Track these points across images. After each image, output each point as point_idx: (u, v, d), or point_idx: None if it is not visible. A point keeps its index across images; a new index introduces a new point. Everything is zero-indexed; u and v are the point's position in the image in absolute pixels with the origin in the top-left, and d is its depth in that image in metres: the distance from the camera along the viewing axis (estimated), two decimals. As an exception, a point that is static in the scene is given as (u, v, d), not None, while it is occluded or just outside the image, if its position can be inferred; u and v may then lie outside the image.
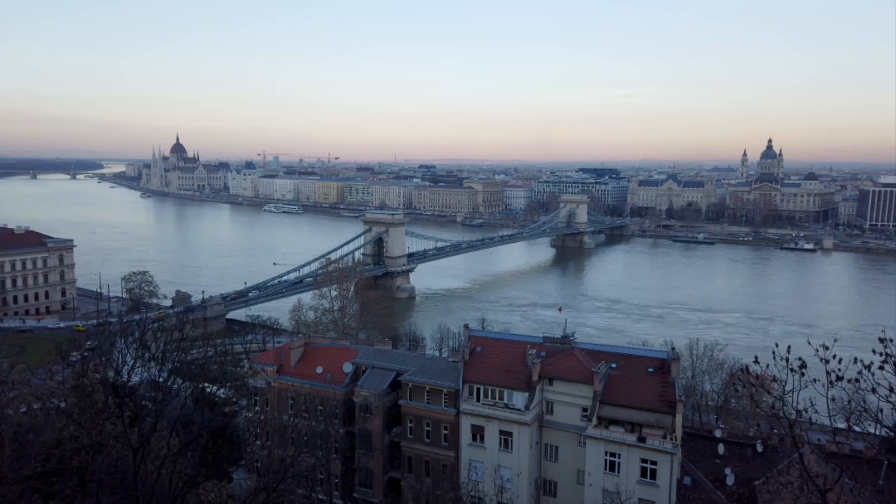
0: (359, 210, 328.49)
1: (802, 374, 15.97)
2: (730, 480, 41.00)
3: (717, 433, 46.47)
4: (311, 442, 49.38)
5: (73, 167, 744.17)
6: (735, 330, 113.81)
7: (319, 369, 53.59)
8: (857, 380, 16.29)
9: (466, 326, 54.32)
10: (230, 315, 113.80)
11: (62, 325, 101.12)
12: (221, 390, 63.68)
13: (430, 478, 47.99)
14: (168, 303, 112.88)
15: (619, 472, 41.30)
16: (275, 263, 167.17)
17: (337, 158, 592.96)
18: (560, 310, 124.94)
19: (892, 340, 15.89)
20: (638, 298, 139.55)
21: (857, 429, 49.30)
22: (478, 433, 47.19)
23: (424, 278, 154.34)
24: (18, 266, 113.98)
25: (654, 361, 46.10)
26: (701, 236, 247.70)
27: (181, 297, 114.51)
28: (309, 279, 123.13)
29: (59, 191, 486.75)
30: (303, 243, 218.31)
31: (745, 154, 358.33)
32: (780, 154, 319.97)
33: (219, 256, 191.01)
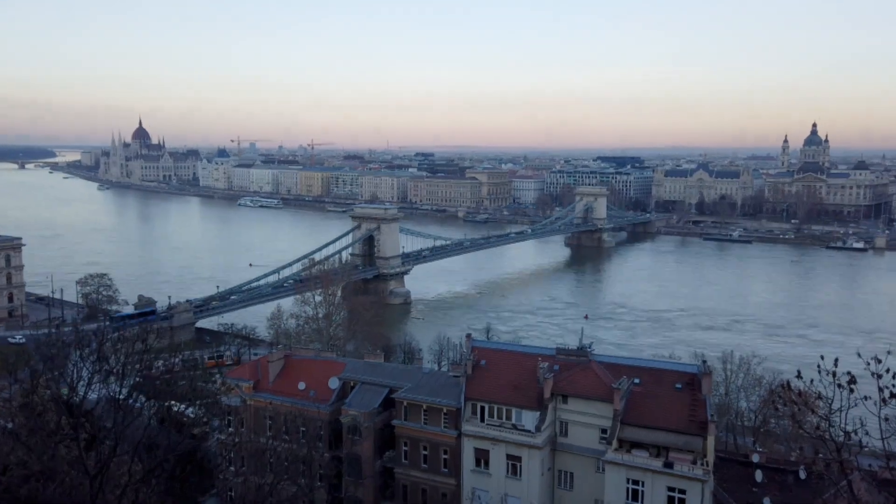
0: (346, 204, 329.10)
1: (852, 391, 15.88)
2: (769, 511, 41.03)
3: (755, 458, 46.52)
4: (293, 468, 49.40)
5: (22, 155, 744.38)
6: (775, 341, 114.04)
7: (302, 385, 53.60)
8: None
9: (469, 336, 54.38)
10: (200, 323, 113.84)
11: (19, 337, 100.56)
12: (190, 409, 63.72)
13: (427, 509, 48.10)
14: (129, 309, 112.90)
15: (642, 501, 41.34)
16: (251, 265, 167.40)
17: (321, 145, 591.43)
18: (586, 317, 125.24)
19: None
20: (664, 305, 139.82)
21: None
22: (482, 458, 47.23)
23: (421, 282, 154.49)
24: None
25: (683, 376, 46.14)
26: (736, 233, 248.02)
27: (144, 304, 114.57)
28: (290, 283, 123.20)
29: (4, 182, 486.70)
30: (283, 242, 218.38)
31: (786, 140, 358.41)
32: (826, 140, 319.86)
33: (187, 257, 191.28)
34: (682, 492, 40.60)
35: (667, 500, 40.91)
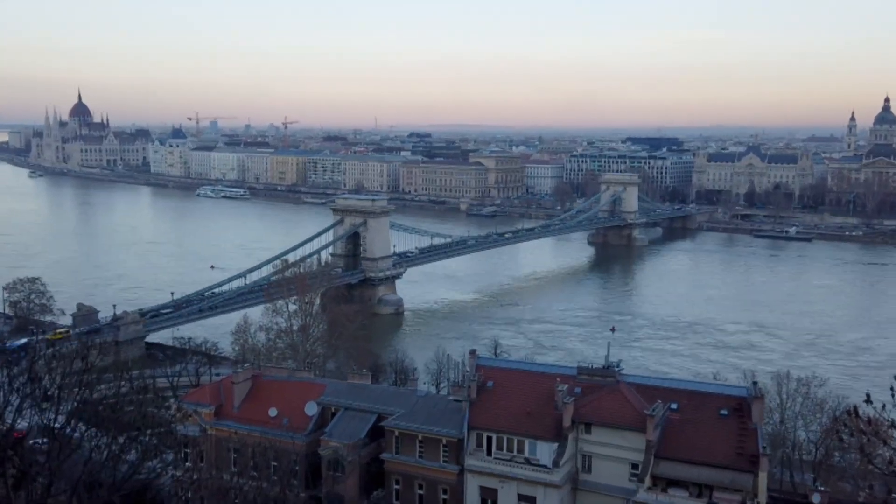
0: (326, 195, 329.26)
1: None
2: (832, 562, 41.14)
3: (816, 498, 46.54)
4: (262, 510, 49.41)
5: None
6: (839, 358, 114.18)
7: (273, 411, 53.65)
8: None
9: (473, 353, 54.47)
10: (151, 338, 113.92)
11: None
12: (140, 440, 63.70)
13: (423, 559, 48.18)
14: (67, 320, 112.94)
15: (681, 551, 41.37)
16: (212, 267, 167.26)
17: (296, 124, 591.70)
18: (613, 330, 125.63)
19: None
20: (707, 316, 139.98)
21: None
22: (489, 498, 47.28)
23: (416, 287, 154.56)
24: None
25: (729, 401, 46.20)
26: (793, 230, 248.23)
27: (85, 314, 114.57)
28: (259, 289, 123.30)
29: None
30: (250, 240, 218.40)
31: (852, 118, 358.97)
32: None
33: (137, 258, 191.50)
34: (729, 539, 40.64)
35: (710, 549, 40.98)
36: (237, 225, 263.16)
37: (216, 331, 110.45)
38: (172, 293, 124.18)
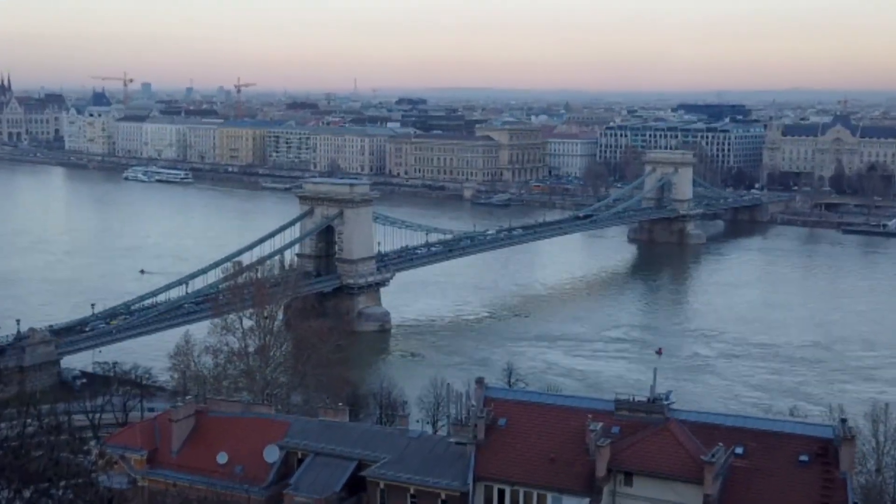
0: (292, 178, 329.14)
1: None
2: None
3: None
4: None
5: None
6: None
7: (223, 457, 53.70)
8: None
9: (481, 382, 54.51)
10: (66, 362, 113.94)
11: None
12: (51, 493, 63.69)
13: None
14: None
15: None
16: (143, 272, 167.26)
17: (252, 86, 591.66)
18: (659, 353, 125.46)
19: None
20: (782, 335, 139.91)
21: None
22: (501, 569, 47.27)
23: (407, 297, 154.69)
24: None
25: (811, 444, 46.30)
26: (892, 223, 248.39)
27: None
28: (205, 299, 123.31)
29: None
30: (193, 237, 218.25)
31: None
32: None
33: (46, 260, 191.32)
34: None
35: None
36: (176, 217, 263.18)
37: (149, 353, 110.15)
38: (93, 305, 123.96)
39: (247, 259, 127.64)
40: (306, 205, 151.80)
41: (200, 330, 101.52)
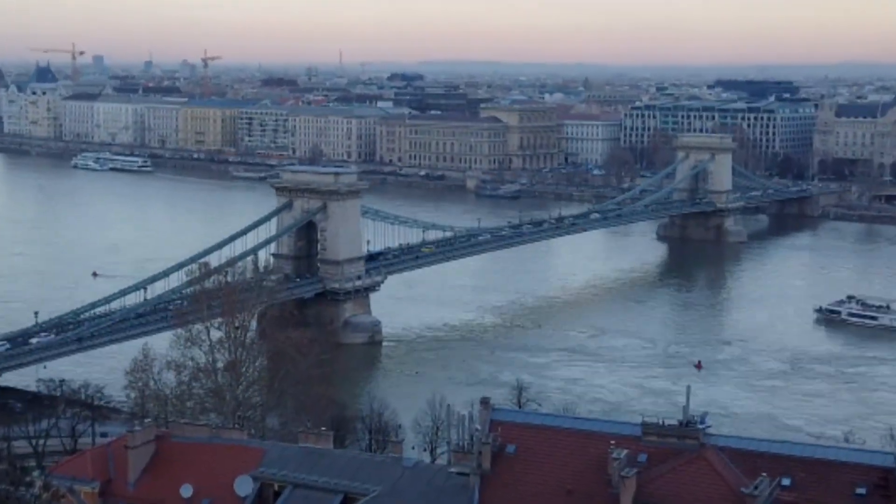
0: (267, 166, 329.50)
1: None
2: None
3: None
4: None
5: None
6: None
7: (187, 490, 53.57)
8: None
9: (486, 403, 54.34)
10: (5, 380, 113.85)
11: None
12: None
13: None
14: None
15: None
16: (96, 275, 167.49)
17: (220, 60, 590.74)
18: (699, 366, 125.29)
19: None
20: (835, 348, 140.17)
21: None
22: None
23: (400, 304, 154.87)
24: None
25: (869, 473, 46.19)
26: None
27: None
28: (166, 307, 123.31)
29: None
30: (153, 234, 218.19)
31: None
32: None
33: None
34: None
35: None
36: (133, 211, 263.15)
37: (102, 369, 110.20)
38: (37, 313, 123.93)
39: (215, 260, 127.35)
40: (284, 197, 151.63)
41: (161, 342, 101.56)
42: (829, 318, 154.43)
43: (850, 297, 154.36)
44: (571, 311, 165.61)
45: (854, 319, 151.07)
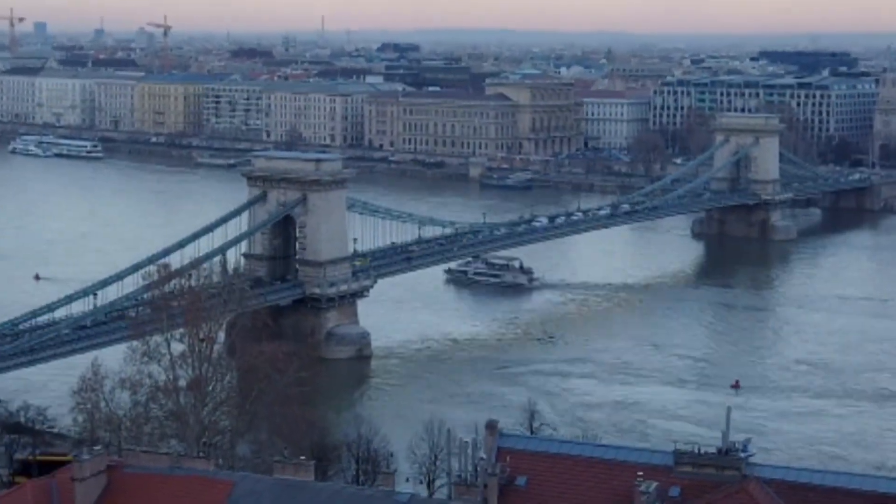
0: (237, 152, 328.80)
1: None
2: None
3: None
4: None
5: None
6: None
7: (144, 529, 53.54)
8: None
9: (493, 427, 54.36)
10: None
11: None
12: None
13: None
14: None
15: None
16: (38, 278, 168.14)
17: (174, 27, 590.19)
18: (736, 385, 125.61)
19: None
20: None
21: None
22: None
23: (393, 311, 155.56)
24: None
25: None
26: None
27: None
28: (120, 315, 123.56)
29: None
30: (105, 230, 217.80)
31: None
32: None
33: None
34: None
35: None
36: (82, 204, 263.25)
37: (45, 388, 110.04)
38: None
39: (176, 261, 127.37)
40: (257, 188, 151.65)
41: (114, 357, 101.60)
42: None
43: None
44: (591, 321, 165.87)
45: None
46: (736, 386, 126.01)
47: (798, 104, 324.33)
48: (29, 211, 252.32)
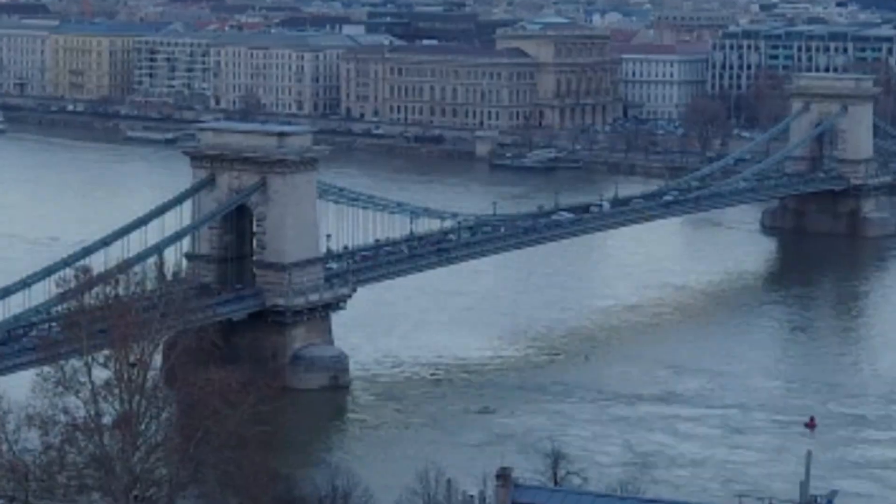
0: (177, 123, 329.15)
1: None
2: None
3: None
4: None
5: None
6: None
7: None
8: None
9: (506, 476, 54.70)
10: None
11: None
12: None
13: None
14: None
15: None
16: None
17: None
18: (811, 424, 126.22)
19: None
20: None
21: None
22: None
23: (376, 327, 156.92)
24: None
25: None
26: None
27: None
28: (27, 332, 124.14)
29: None
30: (7, 224, 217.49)
31: None
32: None
33: None
34: None
35: None
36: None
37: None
38: None
39: (100, 264, 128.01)
40: (203, 169, 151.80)
41: (20, 386, 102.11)
42: None
43: None
44: (632, 340, 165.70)
45: None
46: (811, 425, 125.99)
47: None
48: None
